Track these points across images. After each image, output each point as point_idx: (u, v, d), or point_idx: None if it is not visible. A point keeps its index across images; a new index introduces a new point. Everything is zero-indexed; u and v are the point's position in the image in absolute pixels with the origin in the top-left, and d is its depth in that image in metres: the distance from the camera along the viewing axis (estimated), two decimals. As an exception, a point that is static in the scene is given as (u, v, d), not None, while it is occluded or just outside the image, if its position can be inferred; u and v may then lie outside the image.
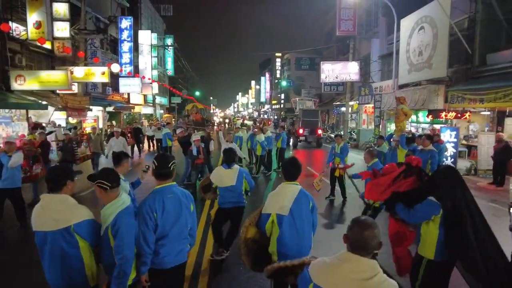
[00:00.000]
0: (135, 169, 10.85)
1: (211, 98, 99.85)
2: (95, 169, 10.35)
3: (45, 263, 2.46)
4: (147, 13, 32.90)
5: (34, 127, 12.83)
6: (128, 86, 23.82)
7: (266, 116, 62.48)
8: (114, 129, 12.35)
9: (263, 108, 75.77)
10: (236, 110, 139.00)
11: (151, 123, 21.72)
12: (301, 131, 20.55)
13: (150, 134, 17.24)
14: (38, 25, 13.39)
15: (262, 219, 3.09)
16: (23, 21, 13.56)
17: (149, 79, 27.72)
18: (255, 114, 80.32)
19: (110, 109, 21.67)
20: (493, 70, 12.01)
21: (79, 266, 2.48)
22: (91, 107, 17.28)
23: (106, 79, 15.84)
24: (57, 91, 15.46)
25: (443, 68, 12.73)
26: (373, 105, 18.83)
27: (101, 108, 20.04)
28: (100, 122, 20.02)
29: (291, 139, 20.51)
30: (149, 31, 29.31)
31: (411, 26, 15.03)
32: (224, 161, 4.80)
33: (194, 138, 8.82)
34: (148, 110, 32.99)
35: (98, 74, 15.41)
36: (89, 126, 17.19)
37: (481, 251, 2.83)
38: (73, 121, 16.42)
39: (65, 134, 9.93)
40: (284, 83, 49.84)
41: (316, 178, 7.72)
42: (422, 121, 16.22)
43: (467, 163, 12.19)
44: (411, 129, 16.35)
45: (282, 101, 53.02)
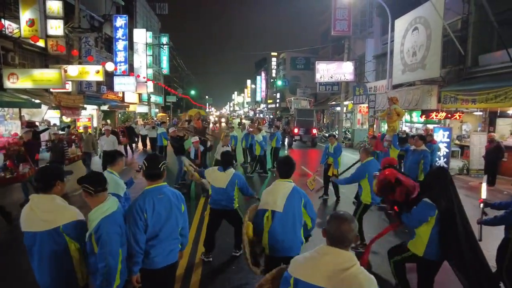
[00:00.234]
0: (128, 169, 10.79)
1: (206, 97, 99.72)
2: (87, 169, 10.11)
3: (34, 263, 2.45)
4: (142, 11, 32.74)
5: (28, 125, 12.73)
6: (123, 84, 23.69)
7: (261, 115, 62.51)
8: (104, 127, 12.08)
9: (259, 107, 75.80)
10: (232, 109, 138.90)
11: (145, 122, 21.63)
12: (296, 130, 20.63)
13: (144, 133, 17.01)
14: (31, 23, 13.29)
15: (259, 215, 3.15)
16: (16, 18, 13.45)
17: (144, 77, 27.62)
18: (251, 113, 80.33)
19: (104, 108, 21.56)
20: (485, 71, 12.14)
21: (69, 267, 2.47)
22: (85, 106, 17.18)
23: (100, 77, 15.77)
24: (50, 90, 15.34)
25: (437, 69, 12.84)
26: (367, 105, 18.93)
27: (95, 107, 19.93)
28: (95, 121, 19.89)
29: (286, 139, 20.59)
30: (144, 29, 29.22)
31: (405, 27, 15.13)
32: (221, 164, 4.77)
33: (193, 140, 8.51)
34: (143, 109, 32.87)
35: (92, 73, 15.33)
36: (83, 125, 17.10)
37: (468, 252, 2.91)
38: (67, 120, 16.32)
39: (55, 134, 9.61)
40: (280, 82, 49.93)
41: (310, 178, 7.77)
42: (416, 121, 16.35)
43: (460, 162, 12.33)
44: (405, 129, 16.47)
45: (278, 101, 53.11)
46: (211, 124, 31.32)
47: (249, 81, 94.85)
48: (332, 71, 22.31)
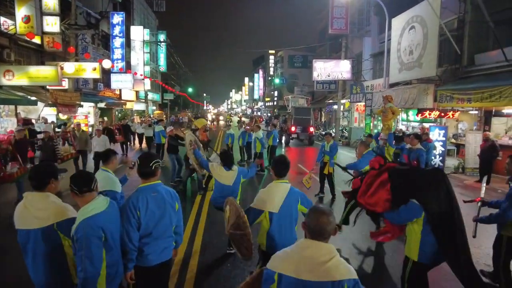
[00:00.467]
0: (123, 166, 10.75)
1: (204, 95, 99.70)
2: (84, 168, 9.81)
3: (28, 261, 2.47)
4: (139, 8, 32.61)
5: (24, 123, 12.68)
6: (120, 82, 23.66)
7: (259, 113, 62.48)
8: (96, 127, 11.71)
9: (257, 105, 75.76)
10: (229, 107, 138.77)
11: (142, 120, 21.55)
12: (293, 128, 20.65)
13: (140, 131, 16.67)
14: (27, 19, 13.22)
15: (253, 213, 3.15)
16: (11, 15, 13.37)
17: (141, 75, 27.57)
18: (249, 111, 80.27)
19: (101, 105, 21.50)
20: (480, 71, 12.20)
21: (63, 264, 2.49)
22: (82, 103, 17.10)
23: (97, 75, 15.71)
24: (47, 87, 15.29)
25: (433, 68, 12.89)
26: (364, 104, 18.99)
27: (92, 104, 19.87)
28: (92, 118, 19.86)
29: (283, 137, 20.63)
30: (142, 26, 29.12)
31: (402, 26, 15.17)
32: (223, 164, 4.84)
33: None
34: (140, 106, 32.80)
35: (89, 70, 15.27)
36: (81, 123, 17.03)
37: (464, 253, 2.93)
38: (63, 117, 16.27)
39: (45, 132, 9.22)
40: (277, 80, 49.90)
41: (306, 176, 7.80)
42: (412, 120, 16.42)
43: (456, 161, 12.42)
44: (401, 128, 16.54)
45: (276, 99, 53.09)
46: (209, 122, 31.27)
47: (246, 79, 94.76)
48: (330, 69, 22.35)
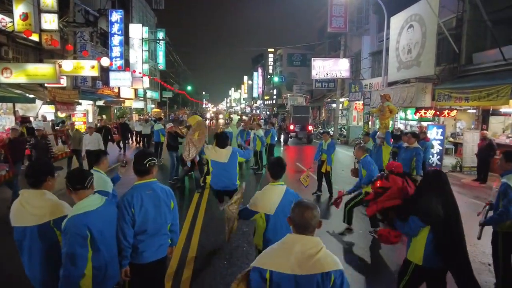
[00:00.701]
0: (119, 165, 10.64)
1: (203, 93, 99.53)
2: (81, 167, 9.90)
3: (24, 258, 2.48)
4: (138, 6, 32.49)
5: (22, 121, 12.65)
6: (118, 80, 23.58)
7: (258, 111, 62.43)
8: (87, 125, 11.51)
9: (256, 103, 75.67)
10: (229, 105, 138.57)
11: (141, 118, 21.50)
12: (292, 127, 20.65)
13: (139, 129, 16.54)
14: (25, 16, 13.16)
15: (248, 213, 3.20)
16: (9, 12, 13.31)
17: (140, 73, 27.51)
18: (248, 109, 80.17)
19: (100, 103, 21.46)
20: (478, 70, 12.23)
21: (58, 261, 2.48)
22: (80, 101, 17.09)
23: (95, 73, 15.68)
24: (45, 85, 15.24)
25: (431, 67, 12.91)
26: (362, 102, 19.00)
27: (90, 102, 19.82)
28: (90, 116, 19.81)
29: (282, 135, 20.64)
30: (140, 24, 29.04)
31: (401, 24, 15.17)
32: (216, 144, 4.96)
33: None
34: (139, 105, 32.74)
35: (87, 68, 15.23)
36: (80, 120, 17.00)
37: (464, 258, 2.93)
38: (62, 115, 16.24)
39: (37, 130, 9.01)
40: (276, 78, 49.85)
41: (304, 174, 7.83)
42: (410, 119, 16.44)
43: (453, 160, 12.46)
44: (399, 126, 16.58)
45: (275, 97, 53.08)
46: (208, 121, 31.21)
47: (246, 77, 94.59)
48: (328, 68, 22.34)
